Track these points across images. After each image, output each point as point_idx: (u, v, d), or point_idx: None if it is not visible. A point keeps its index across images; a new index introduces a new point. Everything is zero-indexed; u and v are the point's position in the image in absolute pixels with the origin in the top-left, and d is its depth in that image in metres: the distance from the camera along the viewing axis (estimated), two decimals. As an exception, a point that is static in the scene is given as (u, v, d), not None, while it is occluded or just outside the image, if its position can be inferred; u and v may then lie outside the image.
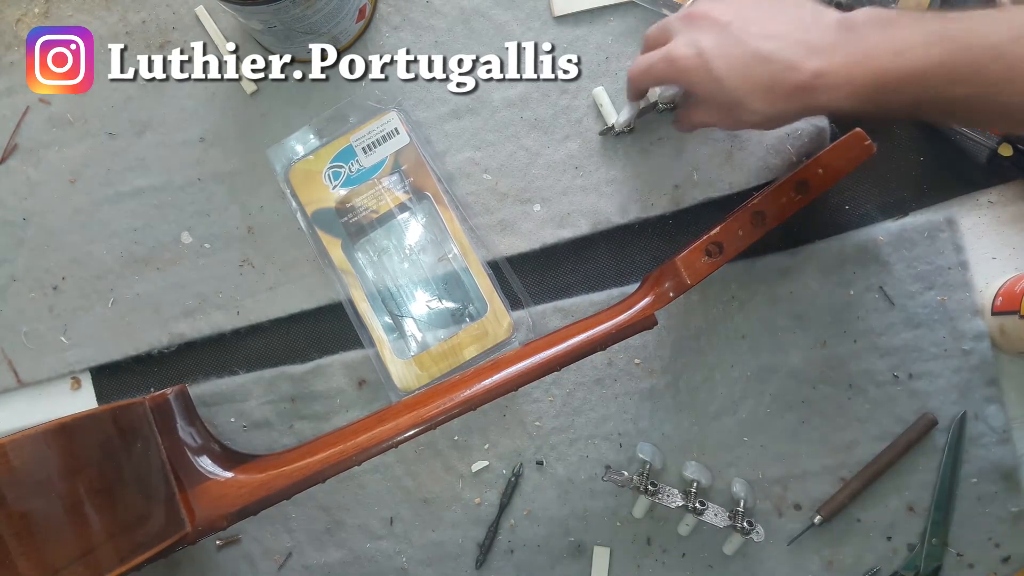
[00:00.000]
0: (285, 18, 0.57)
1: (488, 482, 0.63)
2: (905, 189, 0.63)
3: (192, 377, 0.65)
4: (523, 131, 0.64)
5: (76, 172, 0.66)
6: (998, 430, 0.61)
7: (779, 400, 0.62)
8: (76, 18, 0.66)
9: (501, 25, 0.65)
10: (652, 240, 0.64)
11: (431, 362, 0.62)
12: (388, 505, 0.64)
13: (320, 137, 0.64)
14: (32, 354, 0.65)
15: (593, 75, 0.64)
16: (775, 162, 0.62)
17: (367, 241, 0.64)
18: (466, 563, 0.64)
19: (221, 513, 0.55)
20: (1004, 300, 0.59)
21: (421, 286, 0.63)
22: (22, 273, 0.66)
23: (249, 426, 0.64)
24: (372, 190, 0.63)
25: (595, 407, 0.63)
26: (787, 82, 0.45)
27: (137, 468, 0.54)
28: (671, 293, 0.56)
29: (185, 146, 0.66)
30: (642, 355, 0.63)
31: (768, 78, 0.45)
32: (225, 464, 0.58)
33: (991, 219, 0.63)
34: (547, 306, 0.63)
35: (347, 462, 0.55)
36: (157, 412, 0.58)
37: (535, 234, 0.64)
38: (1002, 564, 0.61)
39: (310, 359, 0.64)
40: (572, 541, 0.63)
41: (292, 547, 0.64)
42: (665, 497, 0.60)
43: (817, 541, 0.62)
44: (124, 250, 0.65)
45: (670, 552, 0.63)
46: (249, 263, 0.65)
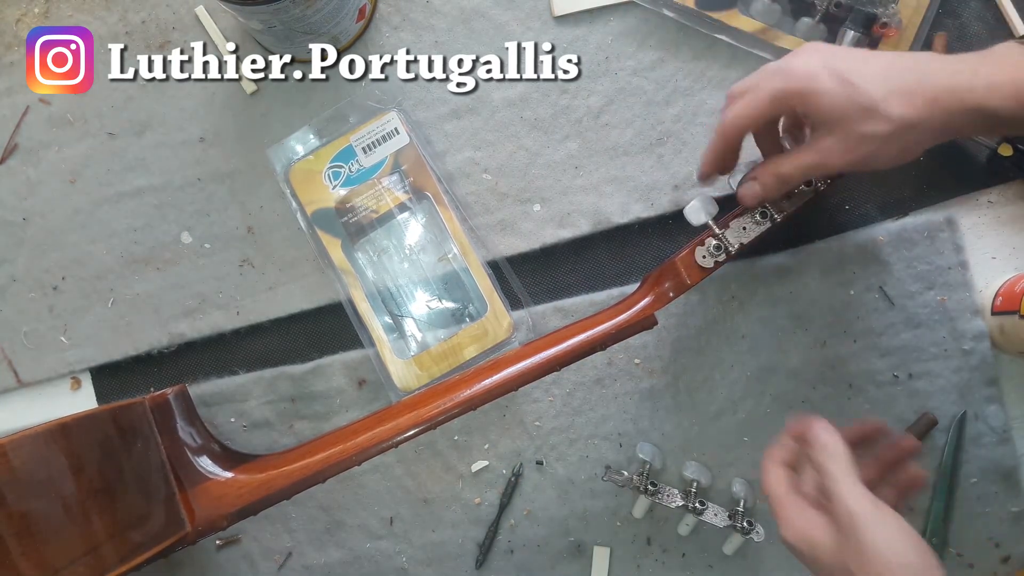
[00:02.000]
0: (285, 18, 0.57)
1: (488, 482, 0.63)
2: (905, 189, 0.63)
3: (192, 377, 0.65)
4: (523, 131, 0.64)
5: (76, 172, 0.66)
6: (998, 430, 0.61)
7: (779, 400, 0.62)
8: (76, 18, 0.66)
9: (501, 25, 0.65)
10: (652, 240, 0.64)
11: (431, 362, 0.62)
12: (388, 505, 0.64)
13: (320, 137, 0.64)
14: (32, 354, 0.65)
15: (593, 75, 0.64)
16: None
17: (367, 241, 0.64)
18: (466, 563, 0.64)
19: (221, 513, 0.55)
20: (1004, 300, 0.59)
21: (421, 286, 0.63)
22: (22, 273, 0.66)
23: (249, 426, 0.64)
24: (372, 190, 0.63)
25: (595, 407, 0.63)
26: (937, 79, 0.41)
27: (137, 468, 0.54)
28: (671, 293, 0.56)
29: (185, 146, 0.66)
30: (642, 355, 0.63)
31: (914, 78, 0.41)
32: (225, 464, 0.58)
33: (991, 219, 0.63)
34: (547, 306, 0.63)
35: (347, 462, 0.55)
36: (157, 412, 0.58)
37: (535, 234, 0.64)
38: (1002, 564, 0.61)
39: (310, 359, 0.64)
40: (572, 541, 0.63)
41: (292, 547, 0.64)
42: (665, 497, 0.60)
43: (817, 541, 0.62)
44: (124, 250, 0.65)
45: (670, 552, 0.63)
46: (249, 263, 0.65)
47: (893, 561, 0.41)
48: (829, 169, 0.46)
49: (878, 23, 0.60)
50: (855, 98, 0.43)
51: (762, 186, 0.50)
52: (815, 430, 0.46)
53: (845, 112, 0.43)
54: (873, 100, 0.42)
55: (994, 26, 0.63)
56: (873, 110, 0.42)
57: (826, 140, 0.45)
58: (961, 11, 0.63)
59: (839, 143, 0.44)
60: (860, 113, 0.43)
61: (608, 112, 0.64)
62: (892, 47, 0.62)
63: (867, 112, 0.43)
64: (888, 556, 0.41)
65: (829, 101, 0.43)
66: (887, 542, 0.41)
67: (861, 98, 0.42)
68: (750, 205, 0.51)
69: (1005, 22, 0.63)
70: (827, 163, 0.45)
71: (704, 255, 0.55)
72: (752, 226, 0.55)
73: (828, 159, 0.45)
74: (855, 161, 0.45)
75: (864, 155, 0.44)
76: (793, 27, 0.62)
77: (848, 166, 0.45)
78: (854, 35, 0.59)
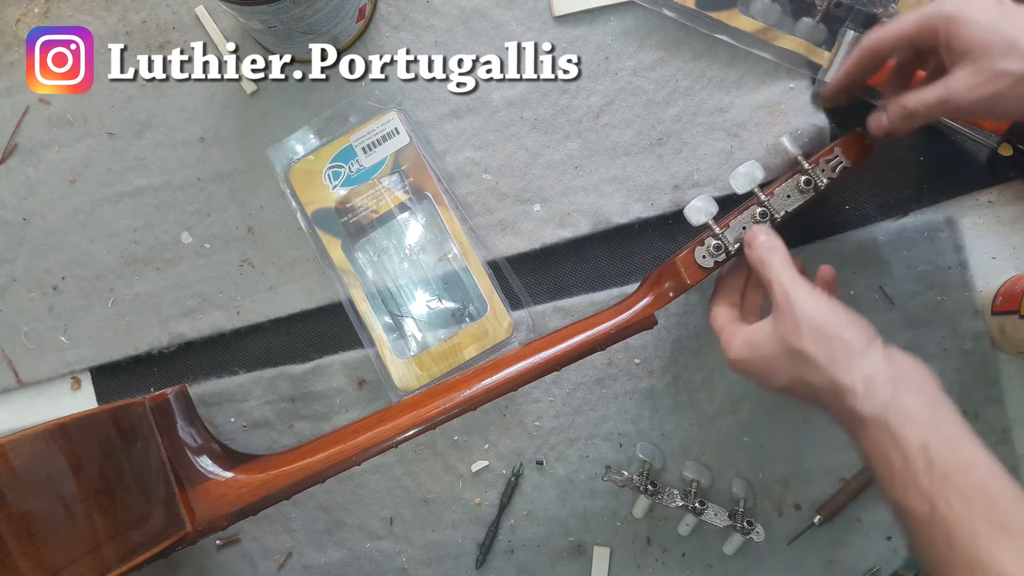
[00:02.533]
0: (285, 18, 0.57)
1: (488, 482, 0.63)
2: (905, 189, 0.63)
3: (192, 377, 0.65)
4: (523, 131, 0.64)
5: (76, 172, 0.66)
6: (998, 430, 0.61)
7: (779, 400, 0.62)
8: (76, 18, 0.66)
9: (501, 25, 0.65)
10: (652, 240, 0.64)
11: (431, 362, 0.62)
12: (388, 505, 0.64)
13: (320, 137, 0.64)
14: (32, 354, 0.65)
15: (593, 75, 0.64)
16: (776, 162, 0.62)
17: (367, 241, 0.64)
18: (466, 563, 0.64)
19: (221, 513, 0.55)
20: (1004, 300, 0.59)
21: (421, 286, 0.63)
22: (22, 273, 0.66)
23: (249, 426, 0.64)
24: (372, 190, 0.63)
25: (595, 407, 0.63)
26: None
27: (137, 468, 0.54)
28: (671, 293, 0.56)
29: (185, 146, 0.66)
30: (642, 355, 0.63)
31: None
32: (225, 464, 0.58)
33: (991, 219, 0.63)
34: (547, 306, 0.63)
35: (347, 462, 0.55)
36: (157, 412, 0.58)
37: (535, 234, 0.64)
38: (1002, 564, 0.61)
39: (310, 359, 0.64)
40: (572, 541, 0.63)
41: (292, 547, 0.64)
42: (665, 497, 0.60)
43: (817, 541, 0.62)
44: (124, 250, 0.65)
45: (670, 552, 0.63)
46: (249, 263, 0.65)
47: (820, 320, 0.46)
48: (954, 106, 0.47)
49: (878, 23, 0.60)
50: (1001, 30, 0.44)
51: (889, 118, 0.51)
52: (755, 231, 0.52)
53: (987, 43, 0.44)
54: (1017, 36, 0.43)
55: (994, 26, 0.63)
56: (1014, 45, 0.43)
57: (959, 74, 0.46)
58: (961, 11, 0.63)
59: (971, 77, 0.45)
60: (1002, 46, 0.44)
61: (608, 112, 0.64)
62: (892, 47, 0.62)
63: (1009, 46, 0.44)
64: (817, 320, 0.46)
65: (975, 29, 0.44)
66: (817, 309, 0.47)
67: (1006, 31, 0.43)
68: (877, 135, 0.52)
69: (1005, 22, 0.63)
70: (954, 98, 0.46)
71: (704, 255, 0.55)
72: (752, 226, 0.55)
73: (956, 94, 0.46)
74: (982, 100, 0.45)
75: (992, 94, 0.45)
76: (793, 27, 0.62)
77: (973, 105, 0.46)
78: (854, 35, 0.59)
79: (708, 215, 0.54)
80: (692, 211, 0.54)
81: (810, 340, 0.46)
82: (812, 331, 0.46)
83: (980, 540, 0.39)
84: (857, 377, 0.45)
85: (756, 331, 0.50)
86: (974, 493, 0.40)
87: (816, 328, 0.46)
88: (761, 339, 0.49)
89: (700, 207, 0.54)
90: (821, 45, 0.62)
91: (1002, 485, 0.41)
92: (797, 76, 0.63)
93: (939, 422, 0.43)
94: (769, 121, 0.63)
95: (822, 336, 0.46)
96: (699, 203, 0.54)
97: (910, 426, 0.42)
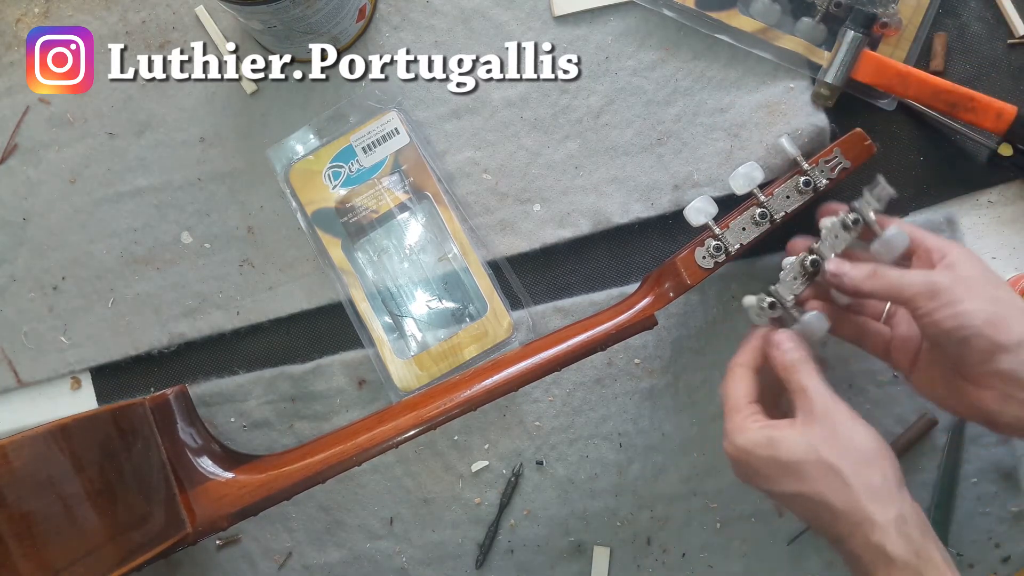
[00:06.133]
0: (285, 18, 0.57)
1: (488, 482, 0.64)
2: (905, 189, 0.63)
3: (192, 377, 0.65)
4: (523, 131, 0.64)
5: (76, 172, 0.66)
6: (998, 430, 0.61)
7: (779, 400, 0.62)
8: (76, 18, 0.66)
9: (501, 25, 0.65)
10: (652, 240, 0.64)
11: (431, 362, 0.62)
12: (388, 505, 0.64)
13: (320, 137, 0.64)
14: (32, 354, 0.65)
15: (593, 75, 0.64)
16: (775, 162, 0.62)
17: (367, 241, 0.64)
18: (466, 563, 0.64)
19: (222, 513, 0.55)
20: (1004, 300, 0.59)
21: (421, 286, 0.63)
22: (22, 273, 0.66)
23: (249, 426, 0.64)
24: (372, 190, 0.63)
25: (595, 407, 0.63)
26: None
27: (137, 469, 0.54)
28: (671, 293, 0.56)
29: (185, 146, 0.65)
30: (642, 355, 0.63)
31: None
32: (225, 464, 0.58)
33: (991, 219, 0.63)
34: (547, 306, 0.63)
35: (347, 462, 0.55)
36: (157, 412, 0.58)
37: (535, 234, 0.64)
38: (1002, 564, 0.61)
39: (310, 359, 0.64)
40: (572, 541, 0.63)
41: (292, 547, 0.64)
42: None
43: (817, 541, 0.62)
44: (124, 250, 0.65)
45: (670, 552, 0.63)
46: (249, 263, 0.65)
47: (863, 445, 0.46)
48: None
49: (878, 23, 0.60)
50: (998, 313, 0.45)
51: None
52: (780, 336, 0.51)
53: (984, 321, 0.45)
54: None
55: (994, 26, 0.63)
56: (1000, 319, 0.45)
57: (989, 394, 0.46)
58: (961, 11, 0.63)
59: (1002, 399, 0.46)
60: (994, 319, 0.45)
61: (608, 112, 0.64)
62: (892, 47, 0.62)
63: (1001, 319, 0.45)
64: (859, 443, 0.46)
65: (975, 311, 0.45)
66: (860, 433, 0.46)
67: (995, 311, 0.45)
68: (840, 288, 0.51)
69: (1005, 22, 0.63)
70: (994, 424, 0.47)
71: (704, 255, 0.55)
72: (752, 227, 0.55)
73: (992, 418, 0.47)
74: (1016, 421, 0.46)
75: None
76: (793, 27, 0.62)
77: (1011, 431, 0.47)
78: (854, 35, 0.59)
79: (708, 216, 0.54)
80: (692, 212, 0.54)
81: (848, 461, 0.45)
82: (853, 453, 0.45)
83: None
84: (892, 514, 0.43)
85: (780, 429, 0.47)
86: None
87: (857, 451, 0.45)
88: (785, 440, 0.46)
89: (700, 208, 0.54)
90: (821, 45, 0.62)
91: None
92: (797, 76, 0.63)
93: None
94: (769, 121, 0.63)
95: (863, 461, 0.45)
96: (699, 204, 0.54)
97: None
